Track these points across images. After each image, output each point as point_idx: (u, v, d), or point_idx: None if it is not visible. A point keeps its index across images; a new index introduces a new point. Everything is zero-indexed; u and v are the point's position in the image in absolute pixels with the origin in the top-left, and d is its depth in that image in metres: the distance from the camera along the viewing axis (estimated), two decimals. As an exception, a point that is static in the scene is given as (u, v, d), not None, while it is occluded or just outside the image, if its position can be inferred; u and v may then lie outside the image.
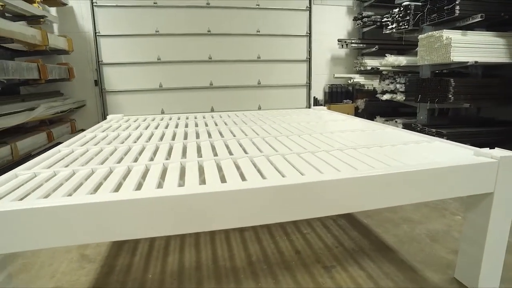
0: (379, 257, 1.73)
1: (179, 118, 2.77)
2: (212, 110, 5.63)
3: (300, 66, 5.62)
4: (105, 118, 5.12)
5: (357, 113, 5.47)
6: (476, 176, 1.28)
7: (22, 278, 1.63)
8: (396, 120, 4.35)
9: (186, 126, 2.33)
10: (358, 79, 5.31)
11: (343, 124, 2.28)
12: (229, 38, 5.31)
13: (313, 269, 1.63)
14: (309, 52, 5.52)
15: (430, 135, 3.69)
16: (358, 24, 5.29)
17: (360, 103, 5.26)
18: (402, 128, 4.17)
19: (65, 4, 4.50)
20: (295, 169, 1.26)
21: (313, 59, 5.54)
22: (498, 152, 1.33)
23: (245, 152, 1.54)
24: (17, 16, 3.86)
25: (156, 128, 2.25)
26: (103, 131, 2.15)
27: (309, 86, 5.66)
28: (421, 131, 3.85)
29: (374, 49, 5.07)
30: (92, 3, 4.64)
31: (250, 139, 1.79)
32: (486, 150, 1.37)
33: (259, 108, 5.71)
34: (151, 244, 1.92)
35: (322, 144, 1.67)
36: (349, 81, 5.43)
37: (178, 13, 5.05)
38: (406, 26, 4.11)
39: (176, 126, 2.30)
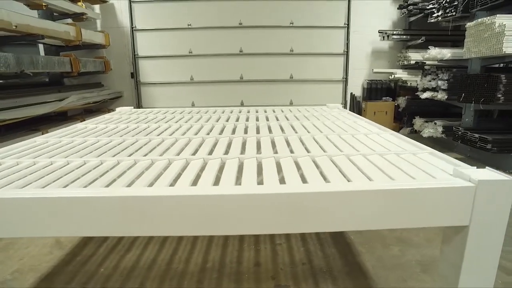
0: (346, 283, 1.50)
1: (198, 112, 2.74)
2: (242, 104, 5.58)
3: (336, 60, 5.25)
4: (140, 108, 5.42)
5: (398, 112, 4.94)
6: (443, 204, 1.01)
7: (-1, 256, 1.76)
8: (435, 121, 3.81)
9: (195, 121, 2.29)
10: (400, 74, 4.78)
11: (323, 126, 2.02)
12: (261, 31, 5.16)
13: (262, 286, 1.48)
14: (347, 45, 5.11)
15: (472, 141, 3.16)
16: (403, 13, 4.73)
17: (402, 101, 4.73)
18: (442, 131, 3.66)
19: (106, 1, 4.79)
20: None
21: (352, 53, 5.13)
22: (478, 173, 1.03)
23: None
24: (62, 15, 4.22)
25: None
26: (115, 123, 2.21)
27: (345, 81, 5.27)
28: (462, 136, 3.31)
29: (420, 41, 4.50)
30: (130, -1, 4.88)
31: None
32: (467, 168, 1.07)
33: (291, 103, 5.50)
34: (120, 237, 1.94)
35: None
36: (390, 77, 4.92)
37: (210, 6, 5.06)
38: (454, 13, 3.54)
39: (196, 120, 2.27)
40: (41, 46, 4.45)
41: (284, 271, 1.59)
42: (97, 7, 4.97)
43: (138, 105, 5.40)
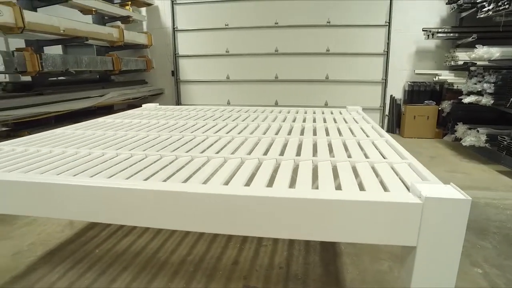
0: (316, 292, 1.46)
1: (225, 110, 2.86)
2: (276, 104, 5.58)
3: (375, 60, 4.97)
4: (179, 105, 5.73)
5: (443, 117, 4.52)
6: (387, 221, 0.94)
7: (23, 230, 2.04)
8: (478, 129, 3.42)
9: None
10: (446, 76, 4.36)
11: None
12: (297, 30, 5.10)
13: (231, 286, 1.50)
14: (388, 45, 4.82)
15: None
16: (453, 8, 4.30)
17: (446, 105, 4.31)
18: (486, 140, 3.29)
19: (151, 4, 5.15)
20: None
21: (393, 53, 4.83)
22: (433, 189, 0.94)
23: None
24: (111, 18, 4.64)
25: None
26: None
27: (385, 83, 4.98)
28: (507, 147, 2.94)
29: (471, 39, 4.05)
30: (172, 1, 5.17)
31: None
32: (419, 184, 0.98)
33: (326, 105, 5.35)
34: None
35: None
36: (434, 79, 4.52)
37: (247, 6, 5.14)
38: (507, 6, 3.13)
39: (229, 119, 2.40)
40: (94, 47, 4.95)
41: (258, 273, 1.60)
42: (144, 10, 5.36)
43: (177, 102, 5.71)
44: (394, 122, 4.93)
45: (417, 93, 4.75)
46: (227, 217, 0.97)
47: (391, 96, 4.99)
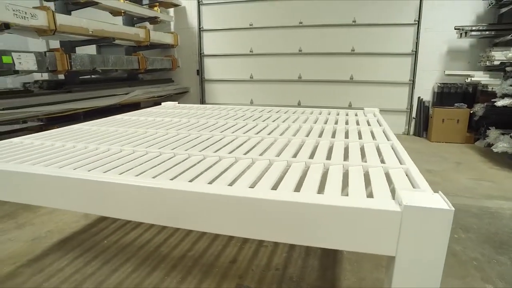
0: (308, 296, 1.44)
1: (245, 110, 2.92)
2: (299, 104, 5.53)
3: (402, 61, 4.77)
4: (204, 104, 5.86)
5: (473, 121, 4.24)
6: (365, 228, 0.91)
7: (44, 218, 2.20)
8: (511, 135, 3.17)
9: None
10: (479, 77, 4.08)
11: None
12: (321, 30, 5.02)
13: (224, 283, 1.52)
14: (416, 44, 4.60)
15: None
16: (490, 4, 4.01)
17: (479, 108, 4.04)
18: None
19: (178, 5, 5.30)
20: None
21: (422, 52, 4.62)
22: (411, 196, 0.90)
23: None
24: (140, 19, 4.84)
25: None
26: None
27: (412, 84, 4.76)
28: (542, 155, 2.70)
29: (510, 37, 3.76)
30: (198, 1, 5.29)
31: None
32: (404, 191, 0.94)
33: (350, 106, 5.22)
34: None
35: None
36: (466, 80, 4.25)
37: (272, 5, 5.14)
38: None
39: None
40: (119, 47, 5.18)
41: (254, 273, 1.60)
42: (172, 11, 5.53)
43: (202, 101, 5.84)
44: (421, 126, 4.70)
45: (448, 95, 4.49)
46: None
47: (419, 98, 4.76)
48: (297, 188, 1.08)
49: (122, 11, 4.20)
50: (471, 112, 4.21)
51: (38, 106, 2.94)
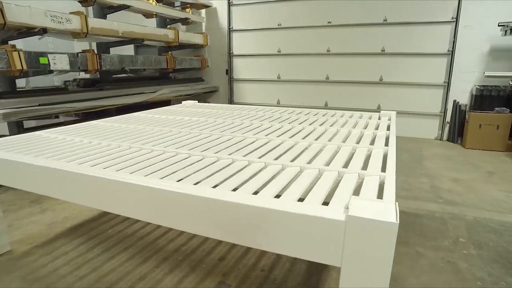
0: (286, 300, 1.43)
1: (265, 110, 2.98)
2: (326, 105, 5.41)
3: (437, 61, 4.46)
4: (232, 103, 5.97)
5: (517, 128, 3.85)
6: (312, 237, 0.89)
7: (64, 205, 2.41)
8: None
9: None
10: (525, 79, 3.70)
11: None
12: (350, 29, 4.86)
13: (207, 279, 1.57)
14: (453, 43, 4.27)
15: None
16: (541, -1, 3.61)
17: (523, 114, 3.67)
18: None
19: (209, 6, 5.44)
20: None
21: (459, 52, 4.30)
22: (359, 206, 0.87)
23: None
24: (172, 20, 5.05)
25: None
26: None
27: (447, 86, 4.43)
28: None
29: (562, 35, 3.36)
30: (228, 2, 5.40)
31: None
32: (357, 200, 0.91)
33: (378, 108, 5.00)
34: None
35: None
36: (510, 82, 3.87)
37: (300, 5, 5.09)
38: None
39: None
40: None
41: (239, 272, 1.63)
42: (203, 12, 5.70)
43: (230, 100, 5.95)
44: (456, 131, 4.37)
45: (488, 98, 4.12)
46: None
47: (454, 101, 4.43)
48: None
49: (154, 13, 4.42)
50: (514, 117, 3.83)
51: (70, 102, 3.21)
